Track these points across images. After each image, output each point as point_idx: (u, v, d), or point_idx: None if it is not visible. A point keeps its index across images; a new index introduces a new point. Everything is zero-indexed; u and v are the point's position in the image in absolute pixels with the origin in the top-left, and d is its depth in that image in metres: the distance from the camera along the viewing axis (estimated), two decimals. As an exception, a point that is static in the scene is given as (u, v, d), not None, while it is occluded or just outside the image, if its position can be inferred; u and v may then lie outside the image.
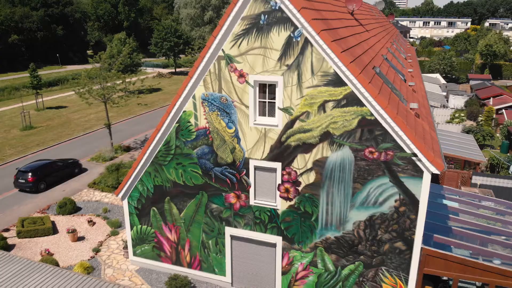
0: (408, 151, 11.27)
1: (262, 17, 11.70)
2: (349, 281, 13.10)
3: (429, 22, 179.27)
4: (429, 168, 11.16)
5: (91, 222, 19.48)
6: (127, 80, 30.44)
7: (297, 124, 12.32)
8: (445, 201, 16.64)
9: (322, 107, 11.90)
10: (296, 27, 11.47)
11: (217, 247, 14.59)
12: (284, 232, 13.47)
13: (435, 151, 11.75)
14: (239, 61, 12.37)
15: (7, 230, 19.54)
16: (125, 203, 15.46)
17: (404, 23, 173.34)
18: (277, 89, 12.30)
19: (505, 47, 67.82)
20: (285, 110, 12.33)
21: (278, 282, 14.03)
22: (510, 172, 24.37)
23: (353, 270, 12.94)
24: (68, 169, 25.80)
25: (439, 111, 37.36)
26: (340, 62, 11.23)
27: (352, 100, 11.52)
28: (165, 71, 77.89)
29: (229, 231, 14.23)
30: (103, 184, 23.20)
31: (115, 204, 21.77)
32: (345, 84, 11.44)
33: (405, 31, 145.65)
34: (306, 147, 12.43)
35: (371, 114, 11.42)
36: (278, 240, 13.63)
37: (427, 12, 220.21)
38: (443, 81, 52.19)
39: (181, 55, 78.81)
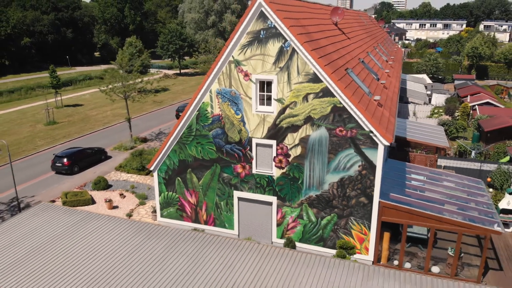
0: (366, 129, 15.62)
1: (262, 32, 16.07)
2: (327, 229, 17.45)
3: (425, 24, 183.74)
4: (382, 141, 15.51)
5: (122, 195, 23.87)
6: (145, 79, 34.77)
7: (288, 111, 16.68)
8: (412, 175, 20.89)
9: (305, 98, 16.25)
10: (286, 40, 15.84)
11: (227, 207, 18.93)
12: (278, 193, 17.82)
13: (388, 129, 16.12)
14: (244, 64, 16.74)
15: (53, 201, 23.90)
16: (155, 175, 19.82)
17: (400, 25, 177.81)
18: (272, 85, 16.65)
19: (492, 49, 72.11)
20: (279, 100, 16.68)
21: (274, 232, 18.38)
22: (473, 157, 28.72)
23: (329, 220, 17.29)
24: (96, 155, 30.19)
25: (421, 108, 41.75)
26: (317, 65, 15.58)
27: (326, 92, 15.88)
28: (170, 72, 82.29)
29: (236, 194, 18.57)
30: (128, 167, 27.56)
31: (140, 182, 26.16)
32: (321, 81, 15.80)
33: (400, 33, 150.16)
34: (294, 128, 16.78)
35: (340, 103, 15.77)
36: (273, 199, 17.97)
37: (424, 14, 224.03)
38: (429, 81, 56.54)
39: (185, 57, 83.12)
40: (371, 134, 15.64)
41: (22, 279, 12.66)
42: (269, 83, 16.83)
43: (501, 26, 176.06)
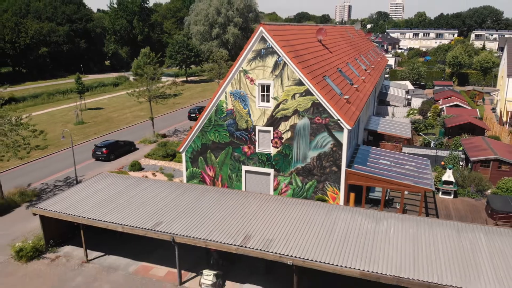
0: (335, 118, 22.39)
1: (263, 50, 22.92)
2: (309, 191, 24.15)
3: (418, 34, 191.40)
4: (346, 126, 22.28)
5: (154, 174, 30.60)
6: (167, 83, 41.68)
7: (281, 106, 23.44)
8: (377, 156, 27.57)
9: (293, 96, 23.05)
10: (279, 56, 22.67)
11: (237, 177, 25.62)
12: (274, 166, 24.53)
13: (351, 118, 22.91)
14: (250, 73, 23.55)
15: (99, 180, 30.57)
16: (183, 155, 26.53)
17: (394, 35, 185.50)
18: (270, 87, 23.44)
19: (474, 58, 79.09)
20: (275, 98, 23.47)
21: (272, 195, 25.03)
22: (432, 146, 35.50)
23: (311, 184, 23.99)
24: (127, 146, 37.00)
25: (399, 109, 48.66)
26: (301, 74, 22.39)
27: (308, 92, 22.67)
28: (178, 80, 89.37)
29: (244, 168, 25.27)
30: (155, 155, 34.32)
31: (166, 166, 32.92)
32: (304, 85, 22.60)
33: (394, 42, 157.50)
34: (286, 118, 23.54)
35: (317, 100, 22.56)
36: (271, 171, 24.68)
37: (419, 23, 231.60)
38: (410, 86, 63.48)
39: (192, 66, 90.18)
40: (338, 121, 22.42)
41: (105, 213, 19.37)
42: (268, 86, 23.61)
43: (492, 35, 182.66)
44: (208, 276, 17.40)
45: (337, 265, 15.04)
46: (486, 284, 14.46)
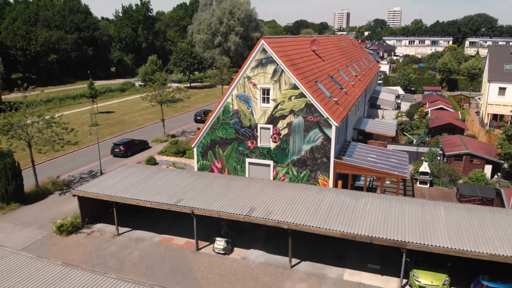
0: (324, 116, 26.60)
1: (263, 60, 27.18)
2: (303, 179, 28.27)
3: (414, 41, 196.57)
4: (334, 123, 26.48)
5: (167, 168, 34.71)
6: (176, 89, 46.02)
7: (279, 106, 27.64)
8: (365, 151, 31.69)
9: (289, 98, 27.26)
10: (278, 64, 26.93)
11: (241, 169, 29.74)
12: (274, 158, 28.68)
13: (338, 117, 27.12)
14: (253, 78, 27.78)
15: (120, 172, 34.67)
16: (195, 150, 30.66)
17: (391, 42, 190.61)
18: (270, 91, 27.66)
19: (464, 64, 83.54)
20: (274, 100, 27.68)
21: (271, 183, 29.17)
22: (414, 144, 39.71)
23: (305, 174, 28.12)
24: (141, 145, 41.17)
25: (389, 112, 52.96)
26: (296, 79, 26.62)
27: (302, 95, 26.89)
28: (182, 85, 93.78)
29: (247, 160, 29.39)
30: (168, 152, 38.49)
31: (178, 161, 37.07)
32: (299, 88, 26.82)
33: (389, 50, 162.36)
34: (283, 117, 27.73)
35: (310, 101, 26.77)
36: (271, 162, 28.81)
37: (416, 30, 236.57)
38: (401, 91, 67.84)
39: (195, 72, 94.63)
40: (327, 119, 26.63)
41: (135, 193, 23.48)
42: (268, 90, 27.82)
43: (486, 42, 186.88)
44: (220, 242, 21.53)
45: (322, 228, 19.19)
46: (440, 241, 18.59)
